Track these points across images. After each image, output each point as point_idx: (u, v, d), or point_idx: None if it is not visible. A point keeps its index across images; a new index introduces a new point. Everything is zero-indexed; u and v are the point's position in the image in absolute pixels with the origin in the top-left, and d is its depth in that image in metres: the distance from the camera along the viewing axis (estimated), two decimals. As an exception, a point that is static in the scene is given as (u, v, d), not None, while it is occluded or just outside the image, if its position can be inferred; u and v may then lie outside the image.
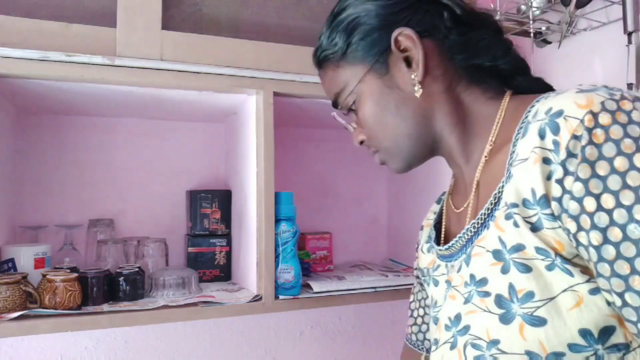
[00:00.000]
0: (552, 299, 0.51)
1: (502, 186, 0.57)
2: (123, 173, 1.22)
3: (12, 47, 0.84)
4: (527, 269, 0.53)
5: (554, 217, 0.51)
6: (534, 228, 0.53)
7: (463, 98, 0.66)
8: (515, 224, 0.54)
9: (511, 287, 0.54)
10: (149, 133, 1.25)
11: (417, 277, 0.84)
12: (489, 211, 0.59)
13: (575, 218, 0.49)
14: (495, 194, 0.58)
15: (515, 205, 0.54)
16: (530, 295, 0.52)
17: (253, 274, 1.02)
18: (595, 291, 0.50)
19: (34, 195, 1.15)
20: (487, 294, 0.57)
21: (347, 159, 1.46)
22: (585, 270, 0.51)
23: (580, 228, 0.49)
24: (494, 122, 0.64)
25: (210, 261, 1.16)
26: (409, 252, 1.37)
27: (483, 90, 0.66)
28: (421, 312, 0.84)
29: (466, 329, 0.59)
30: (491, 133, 0.64)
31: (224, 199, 1.18)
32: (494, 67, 0.65)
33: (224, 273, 1.17)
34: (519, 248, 0.54)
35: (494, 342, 0.55)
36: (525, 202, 0.53)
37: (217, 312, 0.95)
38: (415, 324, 0.85)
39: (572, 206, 0.49)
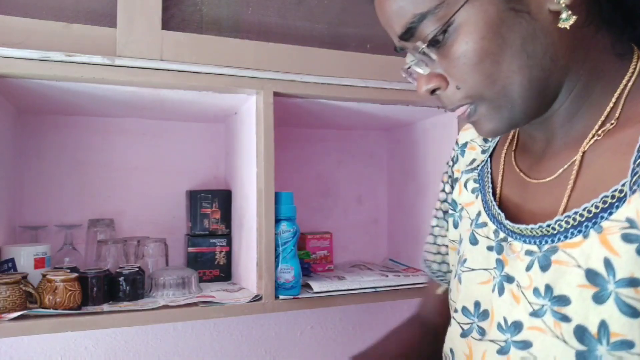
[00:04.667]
0: None
1: (623, 192, 0.45)
2: (123, 173, 1.22)
3: (12, 47, 0.84)
4: (634, 312, 0.42)
5: None
6: None
7: (594, 44, 0.50)
8: None
9: (603, 325, 0.43)
10: (148, 133, 1.25)
11: (444, 201, 0.73)
12: (591, 215, 0.46)
13: None
14: (606, 197, 0.46)
15: None
16: (627, 344, 0.42)
17: (253, 274, 1.02)
18: None
19: (34, 195, 1.15)
20: (565, 318, 0.46)
21: (347, 159, 1.46)
22: None
23: None
24: (617, 88, 0.50)
25: (210, 261, 1.16)
26: (409, 252, 1.38)
27: (614, 39, 0.51)
28: (446, 240, 0.73)
29: (526, 345, 0.49)
30: (611, 102, 0.50)
31: (224, 199, 1.18)
32: (625, 7, 0.51)
33: (224, 273, 1.17)
34: (633, 283, 0.42)
35: None
36: None
37: (217, 312, 0.95)
38: (438, 252, 0.73)
39: None
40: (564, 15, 0.46)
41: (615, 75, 0.51)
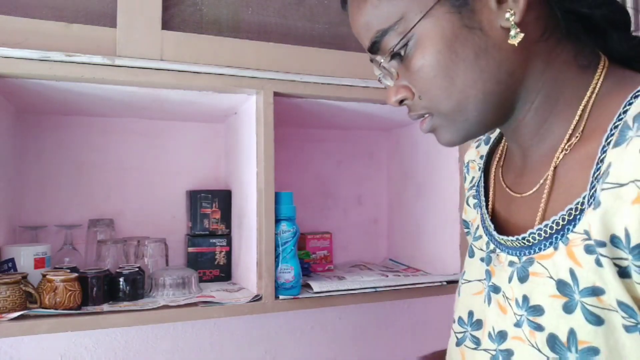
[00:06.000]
0: None
1: (582, 205, 0.46)
2: (123, 173, 1.22)
3: (12, 47, 0.84)
4: (597, 320, 0.43)
5: None
6: (623, 273, 0.42)
7: (554, 57, 0.52)
8: (599, 263, 0.43)
9: (572, 333, 0.45)
10: (149, 133, 1.25)
11: (465, 221, 0.74)
12: (559, 227, 0.48)
13: None
14: (571, 209, 0.47)
15: (602, 245, 0.42)
16: (593, 351, 0.43)
17: (253, 274, 1.02)
18: None
19: (34, 195, 1.15)
20: (539, 327, 0.48)
21: (347, 159, 1.46)
22: None
23: None
24: (582, 101, 0.51)
25: (210, 261, 1.16)
26: (409, 252, 1.38)
27: (576, 51, 0.52)
28: None
29: (509, 354, 0.51)
30: (576, 115, 0.51)
31: (224, 199, 1.18)
32: (588, 18, 0.51)
33: (224, 273, 1.17)
34: (595, 292, 0.43)
35: None
36: (614, 241, 0.42)
37: (217, 312, 0.95)
38: None
39: None
40: (512, 33, 0.48)
41: (580, 87, 0.52)
